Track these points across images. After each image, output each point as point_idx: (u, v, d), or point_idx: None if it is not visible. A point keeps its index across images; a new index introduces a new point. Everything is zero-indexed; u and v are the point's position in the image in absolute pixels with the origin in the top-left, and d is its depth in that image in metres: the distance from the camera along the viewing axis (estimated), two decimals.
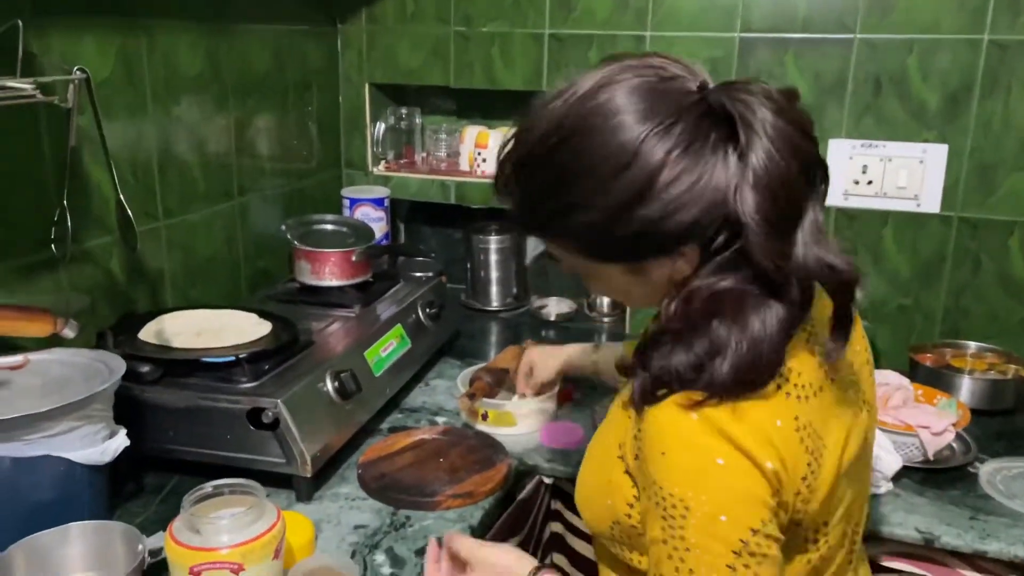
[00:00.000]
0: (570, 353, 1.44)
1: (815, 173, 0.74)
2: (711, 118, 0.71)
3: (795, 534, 0.78)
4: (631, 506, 0.80)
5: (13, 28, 0.90)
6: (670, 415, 0.72)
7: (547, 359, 1.44)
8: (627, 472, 0.80)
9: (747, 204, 0.69)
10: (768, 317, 0.72)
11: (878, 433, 1.28)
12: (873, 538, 1.22)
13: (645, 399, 0.75)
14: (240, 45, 1.62)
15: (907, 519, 1.20)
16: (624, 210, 0.71)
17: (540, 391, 1.44)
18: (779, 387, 0.74)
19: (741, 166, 0.70)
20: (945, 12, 1.58)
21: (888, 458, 1.26)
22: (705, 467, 0.70)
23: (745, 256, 0.72)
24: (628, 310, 1.93)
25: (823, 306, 0.79)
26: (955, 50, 1.59)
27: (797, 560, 0.80)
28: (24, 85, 0.87)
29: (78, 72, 1.00)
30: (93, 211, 1.29)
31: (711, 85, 0.74)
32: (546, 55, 1.86)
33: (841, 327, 0.76)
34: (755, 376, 0.72)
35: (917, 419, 1.31)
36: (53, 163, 1.20)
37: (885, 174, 1.67)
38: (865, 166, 1.68)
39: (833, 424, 0.78)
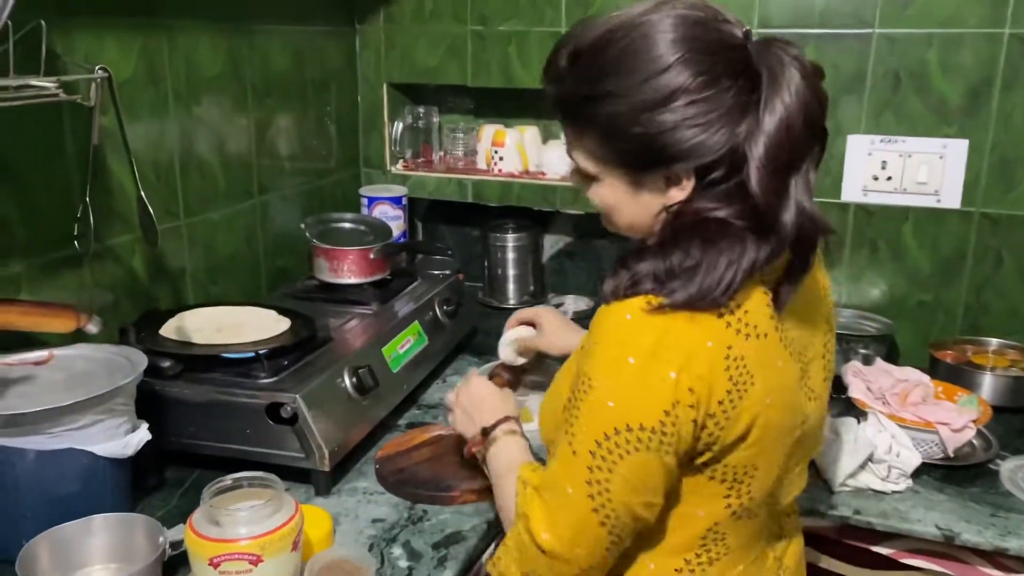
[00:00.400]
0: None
1: (818, 138, 0.81)
2: (745, 63, 0.79)
3: (714, 469, 0.84)
4: (564, 409, 0.86)
5: (36, 28, 0.91)
6: (611, 315, 0.81)
7: (563, 330, 1.36)
8: None
9: (756, 146, 0.77)
10: (743, 250, 0.79)
11: (898, 429, 1.28)
12: (892, 535, 1.22)
13: (615, 294, 0.81)
14: (260, 45, 1.64)
15: (927, 516, 1.19)
16: (644, 110, 0.79)
17: (529, 354, 1.39)
18: (721, 315, 0.80)
19: (757, 114, 0.77)
20: (965, 5, 1.57)
21: (907, 455, 1.25)
22: (617, 360, 0.79)
23: (740, 192, 0.79)
24: None
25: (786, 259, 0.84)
26: (975, 44, 1.58)
27: (713, 497, 0.86)
28: (47, 84, 0.89)
29: (100, 71, 1.02)
30: (116, 209, 1.31)
31: (753, 38, 0.81)
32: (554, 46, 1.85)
33: (795, 272, 0.84)
34: (711, 297, 0.79)
35: (937, 416, 1.30)
36: (76, 161, 1.22)
37: (905, 170, 1.66)
38: (884, 162, 1.67)
39: (768, 373, 0.82)
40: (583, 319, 2.00)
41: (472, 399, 1.14)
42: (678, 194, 0.83)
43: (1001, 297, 1.67)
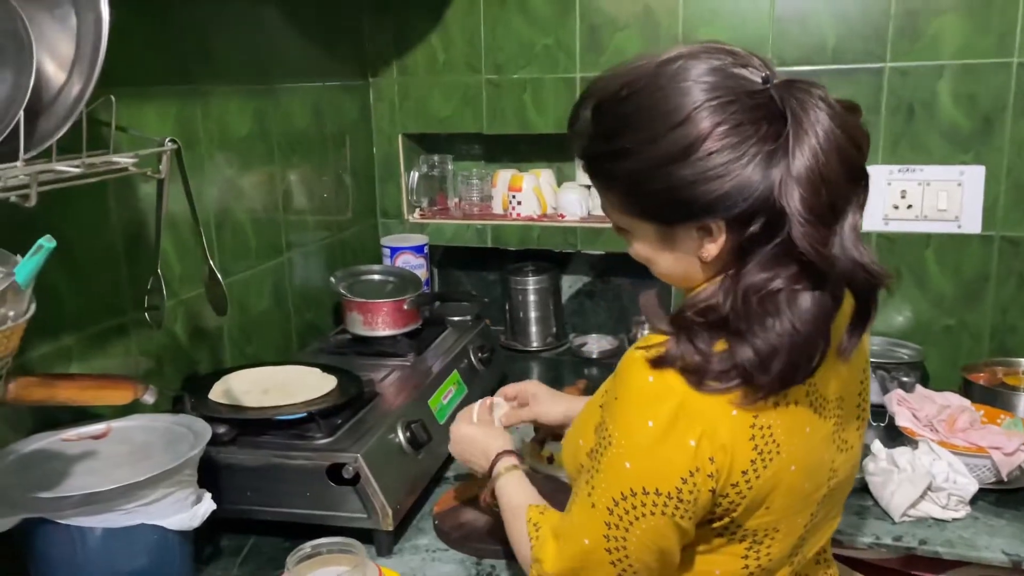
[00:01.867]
0: (579, 404, 1.31)
1: (858, 181, 0.78)
2: (767, 109, 0.76)
3: (732, 532, 0.83)
4: (587, 456, 0.86)
5: (106, 102, 0.91)
6: (636, 370, 0.79)
7: (552, 401, 1.30)
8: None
9: (792, 197, 0.73)
10: (817, 312, 0.76)
11: (952, 457, 1.28)
12: (956, 563, 1.22)
13: (689, 375, 0.77)
14: (284, 104, 1.65)
15: (992, 542, 1.20)
16: (662, 165, 0.77)
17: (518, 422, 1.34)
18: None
19: (786, 160, 0.74)
20: (974, 37, 1.61)
21: (964, 481, 1.26)
22: (638, 422, 0.78)
23: (790, 252, 0.75)
24: None
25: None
26: (985, 74, 1.62)
27: (731, 557, 0.85)
28: (126, 160, 0.89)
29: (170, 143, 1.02)
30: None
31: (774, 80, 0.78)
32: (578, 97, 1.88)
33: (860, 323, 0.81)
34: (802, 372, 0.77)
35: (988, 440, 1.31)
36: (120, 231, 1.22)
37: (924, 197, 1.70)
38: (904, 191, 1.71)
39: (795, 440, 0.81)
40: (608, 359, 2.01)
41: (462, 448, 1.16)
42: (712, 247, 0.80)
43: None
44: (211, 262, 1.15)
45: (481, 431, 1.16)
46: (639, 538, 0.80)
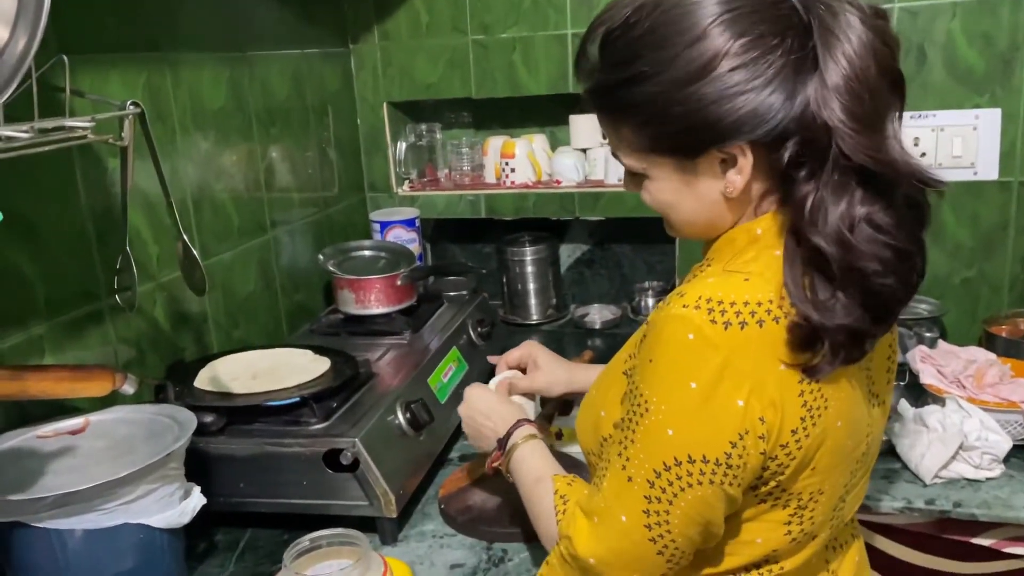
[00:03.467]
0: (575, 375, 1.23)
1: (897, 85, 0.72)
2: (790, 19, 0.70)
3: (777, 497, 0.77)
4: (616, 427, 0.80)
5: (57, 64, 0.82)
6: (672, 330, 0.72)
7: (553, 366, 1.22)
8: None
9: (832, 108, 0.68)
10: (913, 226, 0.73)
11: (983, 414, 1.22)
12: (992, 525, 1.16)
13: (800, 345, 0.72)
14: (260, 74, 1.56)
15: None
16: (681, 86, 0.71)
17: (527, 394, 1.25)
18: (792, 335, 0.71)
19: (819, 71, 0.69)
20: None
21: (996, 438, 1.20)
22: (678, 384, 0.71)
23: (845, 171, 0.69)
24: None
25: None
26: (999, 10, 1.54)
27: (773, 524, 0.79)
28: (82, 124, 0.80)
29: (132, 106, 0.92)
30: (134, 257, 1.21)
31: None
32: (570, 56, 1.79)
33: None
34: (906, 294, 0.74)
35: (1019, 395, 1.25)
36: (91, 210, 1.13)
37: (939, 144, 1.62)
38: (917, 138, 1.63)
39: (840, 392, 0.75)
40: (611, 329, 1.94)
41: (477, 415, 1.08)
42: (738, 179, 0.74)
43: None
44: (184, 236, 1.06)
45: (498, 397, 1.11)
46: (684, 511, 0.73)
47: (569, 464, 1.24)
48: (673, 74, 0.72)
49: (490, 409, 1.07)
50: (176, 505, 0.96)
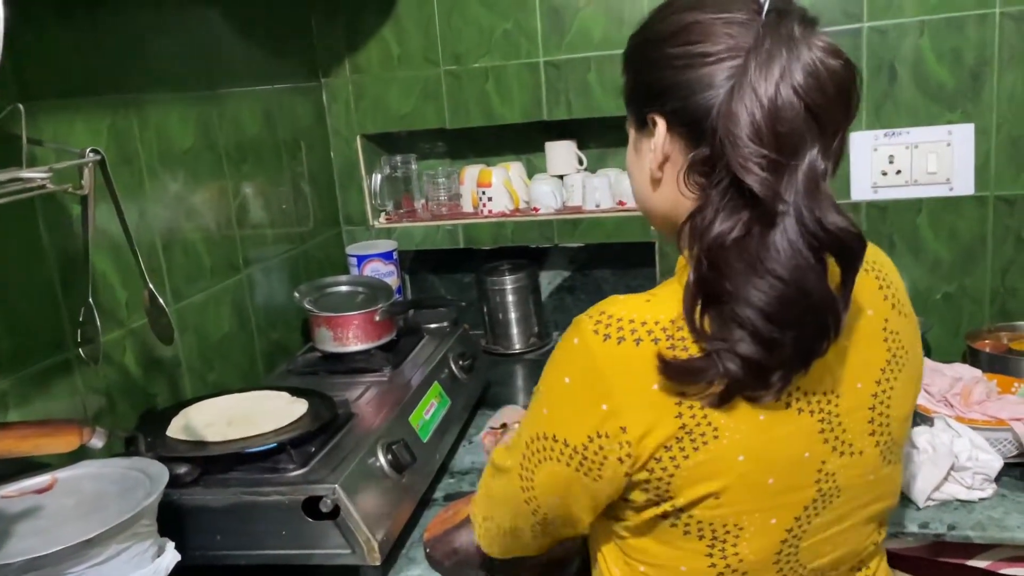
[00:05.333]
0: None
1: (818, 124, 0.69)
2: (751, 30, 0.71)
3: (681, 521, 0.78)
4: None
5: (13, 113, 0.79)
6: (569, 332, 0.79)
7: None
8: None
9: (740, 125, 0.69)
10: (797, 256, 0.70)
11: (972, 432, 1.20)
12: (987, 546, 1.14)
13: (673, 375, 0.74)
14: (230, 111, 1.54)
15: None
16: (648, 43, 0.79)
17: None
18: (669, 360, 0.73)
19: (748, 86, 0.69)
20: None
21: (987, 457, 1.18)
22: (557, 375, 0.79)
23: (739, 193, 0.70)
24: None
25: None
26: (966, 26, 1.55)
27: (693, 554, 0.80)
28: (38, 175, 0.77)
29: (91, 154, 0.90)
30: (101, 304, 1.18)
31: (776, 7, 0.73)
32: (544, 84, 1.79)
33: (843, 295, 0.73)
34: (818, 339, 0.74)
35: (1007, 412, 1.24)
36: (56, 260, 1.10)
37: (913, 161, 1.62)
38: (892, 156, 1.63)
39: (744, 428, 0.74)
40: None
41: None
42: (651, 153, 0.79)
43: None
44: (151, 286, 1.03)
45: None
46: (544, 480, 0.82)
47: None
48: (649, 34, 0.79)
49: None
50: (149, 563, 0.92)
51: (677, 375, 0.72)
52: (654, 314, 0.75)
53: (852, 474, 0.81)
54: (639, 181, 0.86)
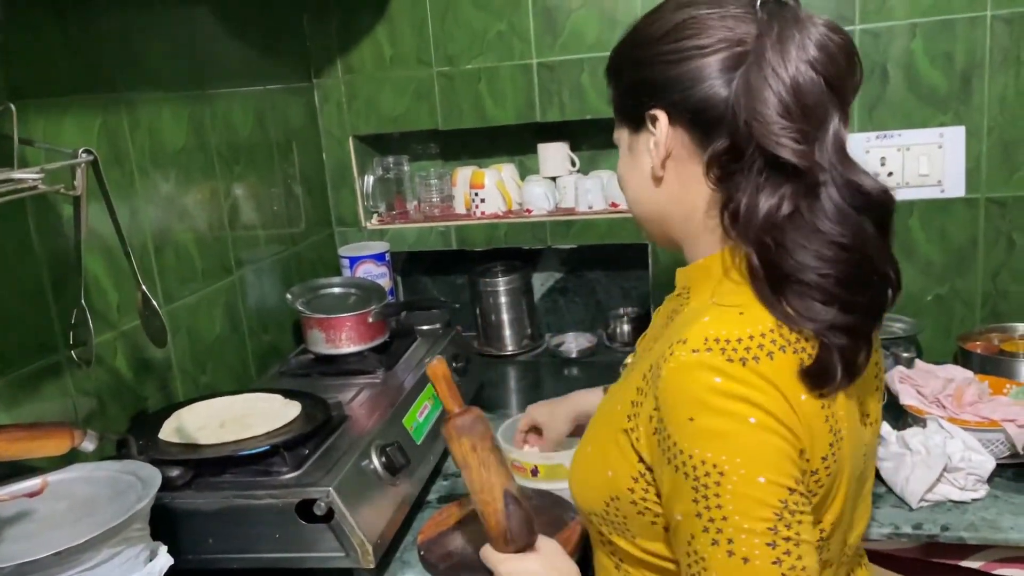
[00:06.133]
0: (576, 401, 1.34)
1: (839, 96, 0.73)
2: (750, 16, 0.74)
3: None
4: (635, 480, 0.77)
5: (4, 114, 0.79)
6: (695, 378, 0.69)
7: (553, 412, 1.34)
8: (634, 447, 0.77)
9: (768, 106, 0.70)
10: (853, 216, 0.72)
11: (965, 434, 1.21)
12: (980, 547, 1.15)
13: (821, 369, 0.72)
14: (222, 111, 1.53)
15: (1017, 522, 1.12)
16: (638, 46, 0.79)
17: (558, 447, 1.34)
18: (802, 362, 0.71)
19: (769, 69, 0.71)
20: None
21: (980, 458, 1.18)
22: (737, 428, 0.67)
23: (776, 170, 0.71)
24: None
25: None
26: (959, 30, 1.56)
27: None
28: (30, 176, 0.76)
29: (84, 154, 0.89)
30: (93, 306, 1.17)
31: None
32: (537, 85, 1.79)
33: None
34: (881, 300, 0.75)
35: (999, 413, 1.24)
36: (46, 262, 1.09)
37: (905, 163, 1.63)
38: (883, 158, 1.64)
39: (850, 417, 0.76)
40: (587, 358, 1.92)
41: None
42: (654, 150, 0.79)
43: (1018, 281, 1.63)
44: (143, 288, 1.02)
45: (541, 562, 0.92)
46: (808, 545, 0.68)
47: (551, 502, 1.22)
48: (639, 36, 0.80)
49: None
50: (142, 568, 0.91)
51: (822, 378, 0.70)
52: (761, 324, 0.71)
53: (873, 443, 0.85)
54: (636, 184, 0.85)
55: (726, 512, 0.67)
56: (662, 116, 0.78)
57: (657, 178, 0.81)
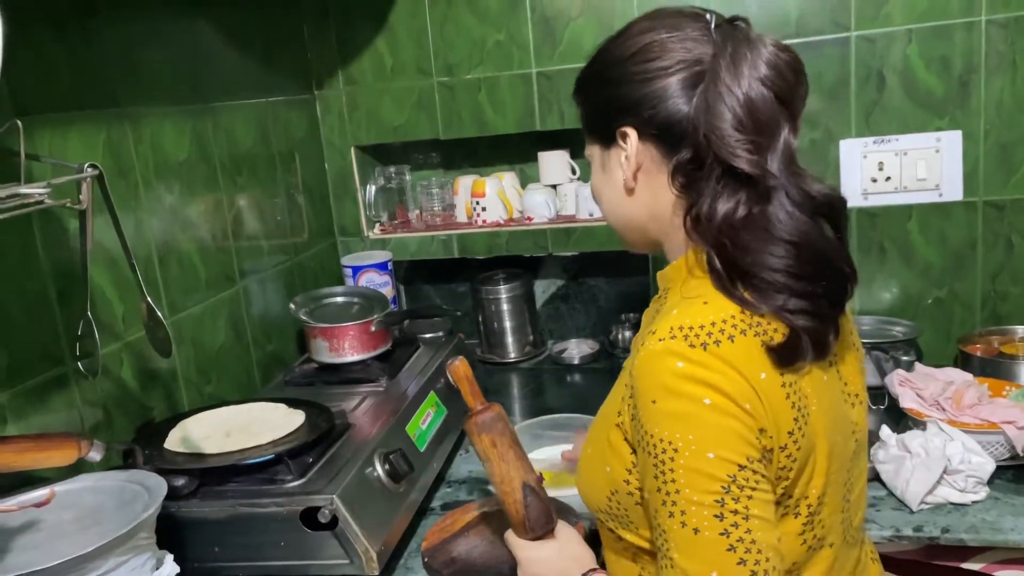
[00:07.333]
0: None
1: (788, 109, 0.79)
2: (705, 38, 0.79)
3: (787, 506, 0.79)
4: (629, 471, 0.81)
5: (11, 129, 0.80)
6: (660, 364, 0.74)
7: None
8: (626, 439, 0.81)
9: (725, 120, 0.76)
10: (801, 219, 0.78)
11: (964, 436, 1.22)
12: (981, 549, 1.15)
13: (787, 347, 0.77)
14: (225, 124, 1.54)
15: (1017, 523, 1.13)
16: (606, 67, 0.84)
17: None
18: (763, 344, 0.76)
19: (722, 86, 0.76)
20: None
21: (980, 460, 1.19)
22: (692, 409, 0.72)
23: (733, 178, 0.77)
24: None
25: None
26: (953, 34, 1.57)
27: (792, 535, 0.80)
28: (37, 191, 0.78)
29: (90, 169, 0.90)
30: (99, 318, 1.18)
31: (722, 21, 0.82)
32: (536, 94, 1.80)
33: None
34: (837, 294, 0.81)
35: (999, 415, 1.25)
36: (52, 274, 1.10)
37: (903, 168, 1.64)
38: (881, 162, 1.64)
39: (819, 391, 0.79)
40: (589, 364, 1.93)
41: (536, 572, 0.96)
42: (625, 163, 0.83)
43: (1017, 283, 1.64)
44: (148, 299, 1.04)
45: (556, 553, 0.96)
46: (760, 520, 0.72)
47: (555, 507, 1.23)
48: (604, 60, 0.85)
49: (549, 569, 0.95)
50: None
51: (788, 356, 0.75)
52: (723, 311, 0.76)
53: (863, 422, 0.88)
54: (610, 197, 0.89)
55: (679, 486, 0.72)
56: (632, 132, 0.82)
57: (629, 189, 0.86)
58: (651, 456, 0.74)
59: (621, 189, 0.86)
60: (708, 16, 0.81)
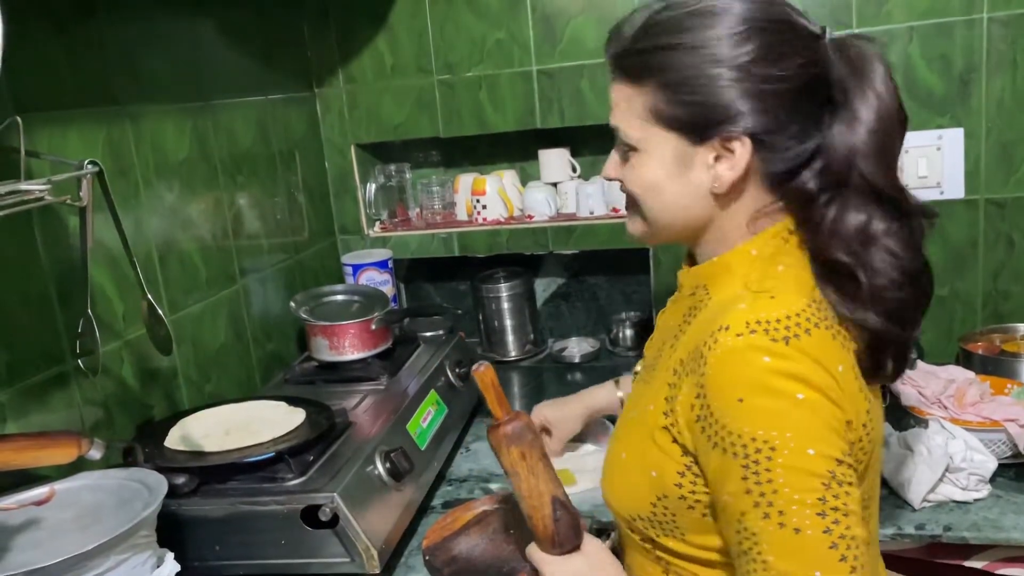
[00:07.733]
0: (588, 398, 1.38)
1: (904, 123, 0.81)
2: (821, 56, 0.77)
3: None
4: (682, 475, 0.79)
5: (11, 126, 0.80)
6: (740, 360, 0.72)
7: (563, 411, 1.37)
8: (676, 441, 0.78)
9: (860, 138, 0.76)
10: (918, 244, 0.80)
11: (967, 434, 1.21)
12: (983, 547, 1.15)
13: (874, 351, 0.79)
14: (225, 122, 1.54)
15: (1019, 521, 1.13)
16: (718, 63, 0.76)
17: (567, 447, 1.38)
18: (833, 337, 0.76)
19: (850, 105, 0.76)
20: None
21: (982, 458, 1.19)
22: (787, 405, 0.70)
23: (862, 193, 0.77)
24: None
25: None
26: (954, 32, 1.57)
27: None
28: (37, 187, 0.77)
29: (90, 166, 0.90)
30: (99, 316, 1.18)
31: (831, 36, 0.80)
32: (536, 92, 1.80)
33: None
34: (922, 308, 0.82)
35: (1001, 413, 1.25)
36: (52, 272, 1.10)
37: (904, 166, 1.63)
38: None
39: (873, 393, 0.81)
40: (590, 362, 1.92)
41: None
42: (728, 173, 0.78)
43: (1018, 281, 1.64)
44: (149, 297, 1.03)
45: (586, 563, 0.89)
46: (856, 515, 0.71)
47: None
48: (712, 51, 0.76)
49: None
50: (149, 574, 0.93)
51: (874, 371, 0.78)
52: (794, 305, 0.75)
53: (880, 423, 0.86)
54: (677, 193, 0.82)
55: (776, 486, 0.69)
56: (746, 142, 0.77)
57: (715, 194, 0.81)
58: (738, 457, 0.71)
59: (697, 189, 0.81)
60: (819, 28, 0.79)
